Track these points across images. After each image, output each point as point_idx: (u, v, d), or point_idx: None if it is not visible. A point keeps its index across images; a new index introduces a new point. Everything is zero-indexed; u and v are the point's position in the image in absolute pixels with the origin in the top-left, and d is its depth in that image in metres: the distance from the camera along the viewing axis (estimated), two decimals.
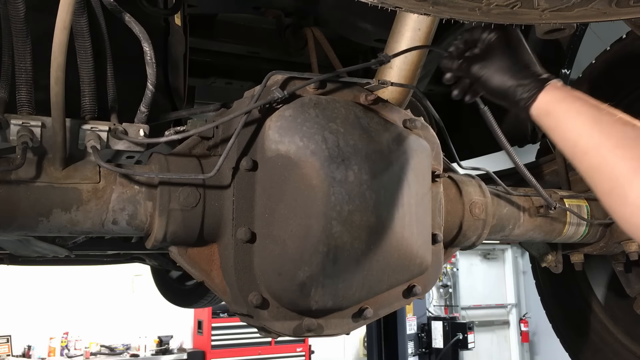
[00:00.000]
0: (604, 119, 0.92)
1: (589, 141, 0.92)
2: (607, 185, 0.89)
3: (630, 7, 0.83)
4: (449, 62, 1.21)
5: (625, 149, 0.87)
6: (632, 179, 0.84)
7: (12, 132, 1.08)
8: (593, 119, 0.93)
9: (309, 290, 1.18)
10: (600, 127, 0.91)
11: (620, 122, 0.90)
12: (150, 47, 1.19)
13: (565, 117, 0.97)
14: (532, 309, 10.60)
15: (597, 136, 0.91)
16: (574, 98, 0.99)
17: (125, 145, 1.18)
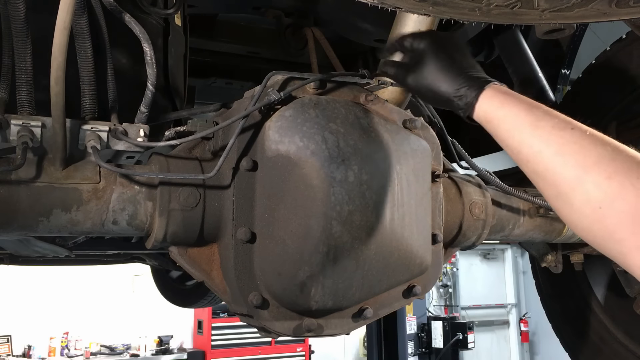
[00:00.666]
0: (543, 125, 0.90)
1: (530, 149, 0.91)
2: (552, 191, 0.89)
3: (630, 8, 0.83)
4: (386, 70, 1.20)
5: (565, 156, 0.86)
6: (575, 186, 0.84)
7: (12, 132, 1.08)
8: (532, 125, 0.91)
9: (309, 290, 1.19)
10: (539, 133, 0.90)
11: (558, 127, 0.89)
12: (150, 47, 1.19)
13: (505, 125, 0.96)
14: (532, 309, 10.60)
15: (537, 144, 0.90)
16: (511, 104, 0.97)
17: (125, 146, 1.18)
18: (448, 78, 1.07)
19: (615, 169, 0.81)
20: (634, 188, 0.79)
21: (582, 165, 0.84)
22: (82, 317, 7.47)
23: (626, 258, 0.80)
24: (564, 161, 0.86)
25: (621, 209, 0.79)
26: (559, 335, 2.40)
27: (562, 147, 0.87)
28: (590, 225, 0.83)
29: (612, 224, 0.80)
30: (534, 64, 2.23)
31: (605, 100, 2.10)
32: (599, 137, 0.87)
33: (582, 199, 0.83)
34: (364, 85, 1.30)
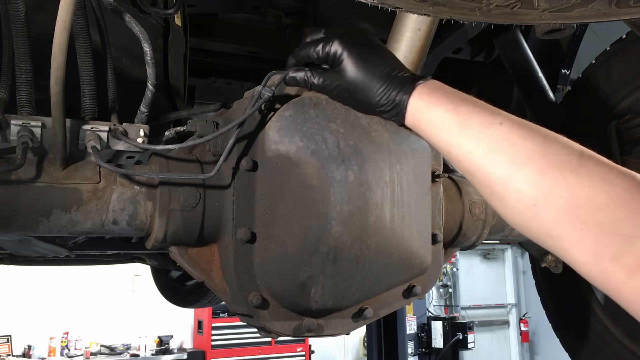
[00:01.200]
0: (470, 123, 0.88)
1: (459, 150, 0.88)
2: (486, 190, 0.86)
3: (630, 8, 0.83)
4: (300, 81, 1.10)
5: (495, 154, 0.84)
6: (508, 184, 0.81)
7: (12, 132, 1.08)
8: (459, 125, 0.89)
9: (309, 291, 1.19)
10: (468, 133, 0.87)
11: (487, 124, 0.86)
12: (150, 47, 1.19)
13: (432, 129, 0.93)
14: (532, 309, 10.61)
15: (466, 144, 0.87)
16: (437, 105, 0.93)
17: (125, 146, 1.18)
18: (369, 87, 1.00)
19: (547, 164, 0.79)
20: (567, 183, 0.77)
21: (512, 163, 0.82)
22: (82, 317, 7.48)
23: (566, 253, 0.77)
24: (494, 160, 0.83)
25: (556, 205, 0.77)
26: (559, 335, 2.40)
27: (491, 145, 0.84)
28: (526, 223, 0.81)
29: (548, 221, 0.78)
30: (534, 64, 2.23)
31: (605, 100, 2.10)
32: (529, 130, 0.84)
33: (516, 198, 0.81)
34: None
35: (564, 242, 0.77)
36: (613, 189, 0.75)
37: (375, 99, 0.99)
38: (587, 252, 0.74)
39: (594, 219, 0.74)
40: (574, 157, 0.79)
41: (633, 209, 0.73)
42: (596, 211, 0.74)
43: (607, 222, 0.74)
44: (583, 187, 0.76)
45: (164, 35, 1.49)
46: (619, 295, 0.73)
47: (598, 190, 0.75)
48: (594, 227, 0.74)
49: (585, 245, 0.74)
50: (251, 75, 2.47)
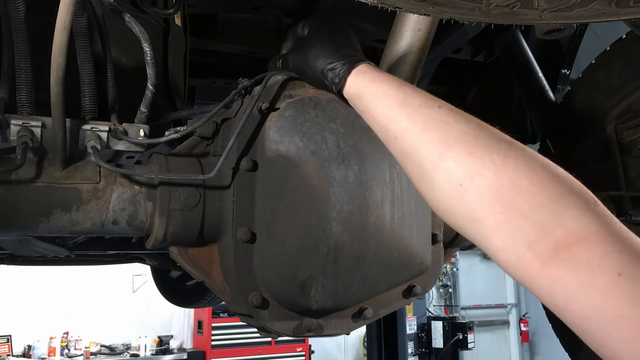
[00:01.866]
0: (411, 102, 0.90)
1: (398, 125, 0.89)
2: (417, 172, 0.86)
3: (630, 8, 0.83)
4: (274, 64, 1.25)
5: (430, 132, 0.84)
6: (437, 163, 0.82)
7: (12, 132, 1.08)
8: (400, 102, 0.91)
9: (309, 290, 1.19)
10: (407, 111, 0.89)
11: (426, 104, 0.88)
12: (150, 47, 1.19)
13: (374, 101, 0.95)
14: (532, 309, 10.61)
15: (404, 120, 0.89)
16: (382, 81, 0.96)
17: (125, 146, 1.18)
18: (324, 55, 1.08)
19: (477, 145, 0.80)
20: (493, 164, 0.77)
21: (444, 142, 0.82)
22: (82, 317, 7.48)
23: (486, 240, 0.76)
24: (428, 138, 0.84)
25: (480, 186, 0.76)
26: (559, 335, 2.40)
27: (427, 124, 0.86)
28: (451, 205, 0.81)
29: (471, 202, 0.77)
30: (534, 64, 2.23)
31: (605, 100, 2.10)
32: (464, 115, 0.86)
33: (444, 178, 0.81)
34: None
35: (483, 227, 0.76)
36: (535, 175, 0.75)
37: (323, 65, 1.08)
38: (505, 238, 0.73)
39: (514, 202, 0.73)
40: (503, 143, 0.80)
41: (552, 196, 0.73)
42: (517, 194, 0.74)
43: (526, 207, 0.73)
44: (507, 170, 0.76)
45: (164, 35, 1.49)
46: (533, 285, 0.71)
47: (521, 174, 0.75)
48: (514, 212, 0.73)
49: (503, 230, 0.73)
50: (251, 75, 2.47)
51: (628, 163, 1.91)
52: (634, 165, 1.90)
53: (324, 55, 1.08)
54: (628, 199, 1.88)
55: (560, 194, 0.73)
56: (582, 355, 2.27)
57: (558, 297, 0.68)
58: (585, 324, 0.66)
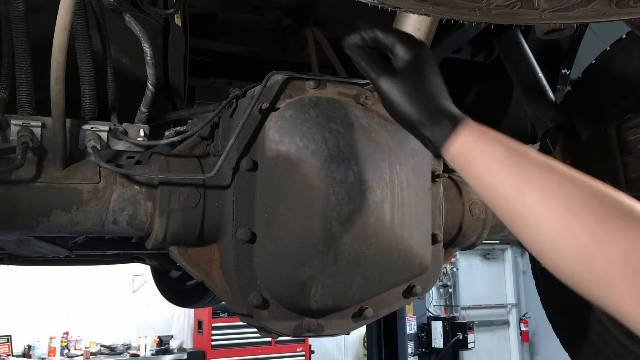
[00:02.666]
0: (524, 165, 0.85)
1: (510, 188, 0.85)
2: (535, 236, 0.83)
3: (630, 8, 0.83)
4: (359, 43, 1.01)
5: (550, 197, 0.81)
6: (562, 229, 0.79)
7: (12, 132, 1.08)
8: (512, 163, 0.86)
9: (309, 290, 1.19)
10: (520, 174, 0.84)
11: (540, 166, 0.84)
12: (150, 47, 1.19)
13: (482, 162, 0.88)
14: (532, 309, 10.61)
15: (518, 183, 0.84)
16: (489, 139, 0.89)
17: (125, 146, 1.18)
18: (423, 100, 0.96)
19: (602, 210, 0.77)
20: (621, 230, 0.75)
21: (567, 207, 0.79)
22: (82, 317, 7.47)
23: (617, 305, 0.75)
24: (549, 202, 0.80)
25: (611, 254, 0.74)
26: (559, 335, 2.40)
27: (545, 187, 0.82)
28: (578, 271, 0.79)
29: (602, 270, 0.75)
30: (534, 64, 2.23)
31: (605, 100, 2.10)
32: (579, 177, 0.82)
33: (569, 244, 0.78)
34: (364, 85, 1.30)
35: (614, 293, 0.75)
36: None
37: (417, 116, 0.96)
38: (638, 302, 0.72)
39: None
40: (625, 205, 0.78)
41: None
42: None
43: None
44: (637, 235, 0.74)
45: (164, 35, 1.49)
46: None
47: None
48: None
49: (636, 295, 0.72)
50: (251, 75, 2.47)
51: (628, 163, 1.91)
52: (634, 165, 1.90)
53: (423, 100, 0.96)
54: None
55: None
56: (582, 356, 2.27)
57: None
58: None
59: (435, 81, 0.98)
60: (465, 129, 0.91)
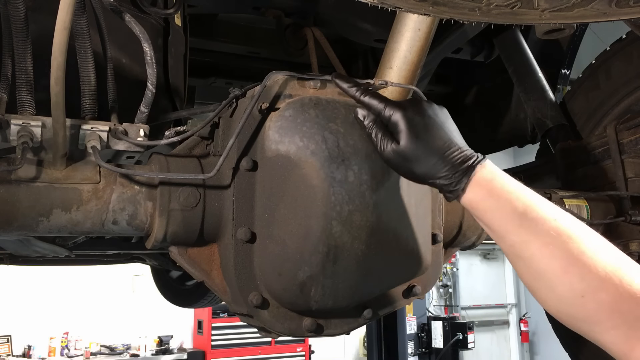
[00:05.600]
0: (530, 216, 0.95)
1: (516, 238, 0.95)
2: (533, 276, 0.94)
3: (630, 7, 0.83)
4: (365, 122, 1.09)
5: (552, 248, 0.91)
6: (560, 276, 0.90)
7: (12, 132, 1.08)
8: (519, 217, 0.95)
9: (309, 290, 1.19)
10: (527, 226, 0.94)
11: (545, 218, 0.94)
12: (150, 47, 1.19)
13: (491, 212, 0.98)
14: (532, 309, 10.60)
15: (524, 234, 0.94)
16: (497, 193, 0.98)
17: (125, 146, 1.18)
18: (428, 162, 1.01)
19: (599, 260, 0.89)
20: (613, 282, 0.87)
21: (567, 257, 0.90)
22: (82, 317, 7.47)
23: (600, 336, 0.89)
24: (551, 253, 0.91)
25: (602, 299, 0.87)
26: (559, 335, 2.40)
27: (548, 239, 0.92)
28: (569, 309, 0.91)
29: (591, 310, 0.88)
30: (534, 64, 2.23)
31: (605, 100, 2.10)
32: (583, 228, 0.93)
33: (566, 288, 0.90)
34: None
35: (600, 327, 0.89)
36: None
37: (430, 176, 1.02)
38: (619, 335, 0.87)
39: (631, 311, 0.86)
40: (621, 257, 0.91)
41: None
42: (635, 306, 0.86)
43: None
44: (629, 284, 0.87)
45: (164, 35, 1.49)
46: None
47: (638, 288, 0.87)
48: (630, 317, 0.86)
49: (619, 329, 0.86)
50: (251, 75, 2.47)
51: (628, 163, 1.91)
52: (633, 165, 1.90)
53: (428, 162, 1.01)
54: (628, 199, 1.88)
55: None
56: (582, 356, 2.27)
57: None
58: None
59: (437, 137, 1.02)
60: (474, 182, 0.99)
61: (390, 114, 1.04)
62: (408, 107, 1.04)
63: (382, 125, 1.06)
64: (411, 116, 1.03)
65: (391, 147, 1.03)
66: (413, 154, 1.02)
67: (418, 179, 1.05)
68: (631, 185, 1.89)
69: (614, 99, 2.06)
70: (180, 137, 1.21)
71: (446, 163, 1.01)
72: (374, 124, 1.07)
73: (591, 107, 2.15)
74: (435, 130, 1.03)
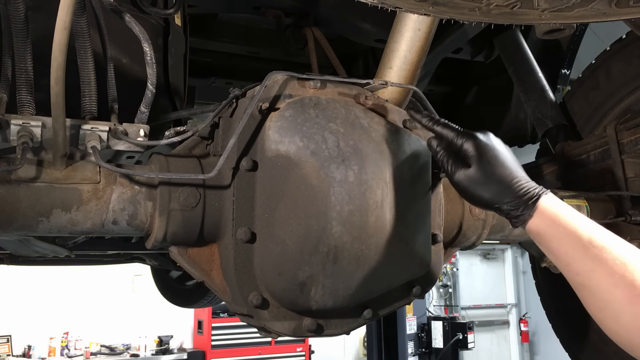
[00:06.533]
0: (596, 244, 0.97)
1: (581, 266, 0.98)
2: (599, 304, 0.96)
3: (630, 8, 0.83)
4: (435, 148, 1.17)
5: (616, 277, 0.93)
6: (625, 305, 0.92)
7: (12, 132, 1.08)
8: (585, 244, 0.98)
9: (309, 290, 1.19)
10: (592, 254, 0.97)
11: (609, 247, 0.96)
12: (150, 47, 1.19)
13: (557, 240, 1.02)
14: (532, 309, 10.60)
15: (589, 262, 0.97)
16: (564, 220, 1.02)
17: (125, 146, 1.18)
18: (497, 186, 1.08)
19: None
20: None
21: (632, 287, 0.91)
22: (82, 317, 7.47)
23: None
24: (615, 282, 0.93)
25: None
26: (559, 335, 2.40)
27: (613, 268, 0.94)
28: (632, 338, 0.92)
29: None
30: (534, 64, 2.23)
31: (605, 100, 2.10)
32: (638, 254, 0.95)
33: (631, 318, 0.91)
34: (364, 86, 1.30)
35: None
36: None
37: (497, 201, 1.08)
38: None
39: None
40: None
41: None
42: None
43: None
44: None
45: (164, 35, 1.49)
46: None
47: None
48: None
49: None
50: (251, 75, 2.47)
51: (628, 163, 1.91)
52: (633, 165, 1.90)
53: (497, 185, 1.07)
54: (628, 199, 1.88)
55: None
56: (582, 356, 2.27)
57: None
58: None
59: (505, 166, 1.09)
60: (540, 209, 1.04)
61: (463, 141, 1.11)
62: (479, 135, 1.12)
63: (453, 152, 1.14)
64: (483, 144, 1.10)
65: (462, 172, 1.10)
66: (483, 179, 1.08)
67: (485, 204, 1.11)
68: (631, 185, 1.89)
69: (614, 99, 2.06)
70: (180, 137, 1.21)
71: (513, 190, 1.06)
72: (445, 151, 1.15)
73: (591, 107, 2.14)
74: (504, 159, 1.10)
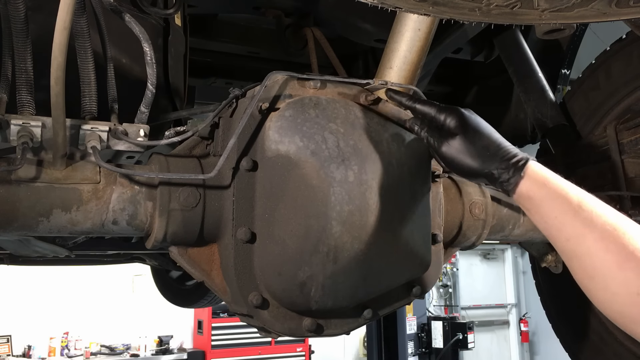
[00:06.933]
0: (587, 208, 0.95)
1: (572, 230, 0.95)
2: (588, 273, 0.93)
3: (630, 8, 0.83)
4: (417, 128, 1.19)
5: (608, 241, 0.90)
6: (615, 271, 0.88)
7: (12, 132, 1.08)
8: (576, 207, 0.95)
9: (309, 290, 1.19)
10: (582, 217, 0.94)
11: (600, 211, 0.93)
12: (150, 47, 1.19)
13: (547, 204, 0.99)
14: (532, 309, 10.61)
15: (579, 226, 0.94)
16: (554, 184, 1.00)
17: (125, 146, 1.18)
18: (483, 154, 1.08)
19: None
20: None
21: (624, 251, 0.88)
22: (82, 317, 7.48)
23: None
24: (606, 247, 0.90)
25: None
26: (559, 335, 2.40)
27: (603, 232, 0.91)
28: (623, 308, 0.89)
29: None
30: (534, 64, 2.23)
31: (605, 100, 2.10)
32: (634, 225, 0.91)
33: (621, 285, 0.88)
34: (364, 86, 1.30)
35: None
36: None
37: (486, 167, 1.07)
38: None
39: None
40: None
41: None
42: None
43: None
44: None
45: (164, 35, 1.49)
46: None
47: None
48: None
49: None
50: (251, 75, 2.47)
51: (628, 163, 1.91)
52: (633, 165, 1.90)
53: (482, 154, 1.08)
54: (628, 199, 1.88)
55: None
56: (582, 356, 2.27)
57: None
58: None
59: (487, 134, 1.10)
60: (529, 173, 1.02)
61: (445, 114, 1.12)
62: (460, 109, 1.13)
63: (436, 127, 1.14)
64: (467, 115, 1.12)
65: (448, 144, 1.11)
66: (470, 147, 1.08)
67: (474, 172, 1.09)
68: (631, 185, 1.89)
69: (614, 99, 2.06)
70: (180, 137, 1.21)
71: (501, 154, 1.06)
72: (429, 127, 1.16)
73: (591, 107, 2.14)
74: (488, 128, 1.11)
